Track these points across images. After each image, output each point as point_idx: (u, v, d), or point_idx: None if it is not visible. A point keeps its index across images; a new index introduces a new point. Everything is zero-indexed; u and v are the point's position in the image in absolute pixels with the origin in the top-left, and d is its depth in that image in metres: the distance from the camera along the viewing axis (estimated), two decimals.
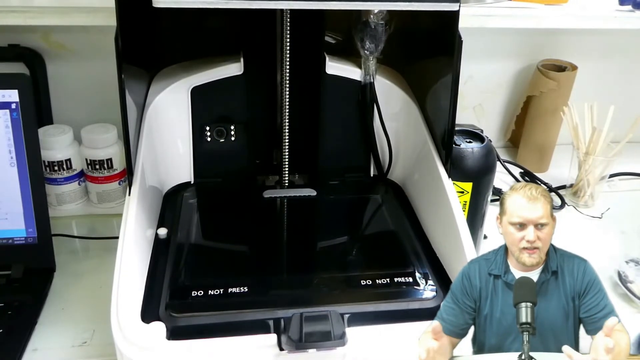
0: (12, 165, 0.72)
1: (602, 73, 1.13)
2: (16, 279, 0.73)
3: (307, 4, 0.57)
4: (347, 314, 0.57)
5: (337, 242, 0.74)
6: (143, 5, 0.58)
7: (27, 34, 0.89)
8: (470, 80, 1.10)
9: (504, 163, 1.08)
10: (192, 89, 0.77)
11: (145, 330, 0.54)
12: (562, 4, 1.02)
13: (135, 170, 0.67)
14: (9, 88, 0.70)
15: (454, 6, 0.60)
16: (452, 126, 0.70)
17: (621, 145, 0.95)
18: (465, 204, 0.76)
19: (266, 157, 0.84)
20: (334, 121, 0.81)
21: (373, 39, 0.76)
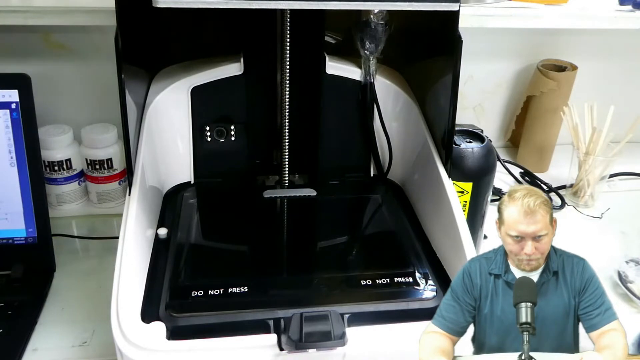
0: (12, 165, 0.72)
1: (602, 73, 1.13)
2: (16, 279, 0.73)
3: (307, 4, 0.57)
4: (347, 314, 0.57)
5: (337, 242, 0.74)
6: (143, 5, 0.58)
7: (27, 34, 0.89)
8: (470, 80, 1.10)
9: (504, 163, 1.08)
10: (192, 89, 0.77)
11: (145, 330, 0.54)
12: (562, 4, 1.02)
13: (135, 170, 0.67)
14: (9, 88, 0.70)
15: (454, 6, 0.60)
16: (452, 126, 0.70)
17: (621, 145, 0.95)
18: (465, 204, 0.76)
19: (266, 157, 0.84)
20: (334, 121, 0.81)
21: (373, 39, 0.76)
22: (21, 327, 0.67)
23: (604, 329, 0.45)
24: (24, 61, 0.91)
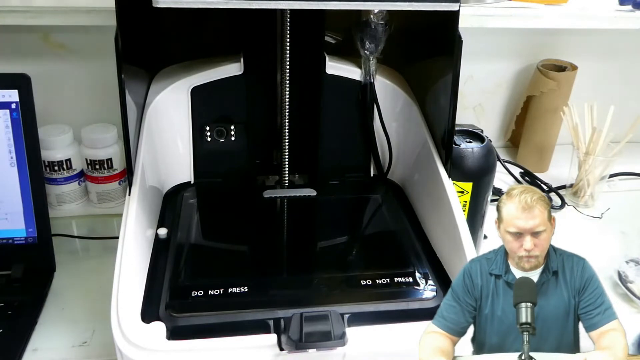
0: (12, 165, 0.72)
1: (602, 73, 1.13)
2: (16, 279, 0.73)
3: (307, 4, 0.57)
4: (347, 314, 0.57)
5: (337, 242, 0.74)
6: (143, 5, 0.58)
7: (27, 34, 0.89)
8: (470, 80, 1.10)
9: (504, 163, 1.08)
10: (192, 89, 0.77)
11: (145, 330, 0.54)
12: (562, 4, 1.02)
13: (135, 170, 0.67)
14: (9, 88, 0.70)
15: (454, 6, 0.60)
16: (452, 126, 0.70)
17: (621, 145, 0.95)
18: (465, 204, 0.76)
19: (266, 157, 0.84)
20: (334, 121, 0.81)
21: (373, 39, 0.76)
22: (21, 327, 0.67)
23: (604, 329, 0.45)
24: (24, 61, 0.91)
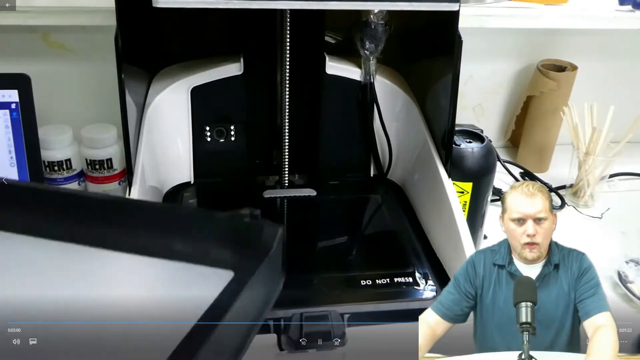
0: (12, 165, 0.72)
1: (602, 73, 1.13)
2: None
3: (307, 4, 0.57)
4: (347, 314, 0.57)
5: (337, 242, 0.74)
6: (143, 5, 0.58)
7: (27, 34, 0.89)
8: (470, 80, 1.10)
9: (504, 163, 1.08)
10: (192, 89, 0.77)
11: None
12: (562, 4, 1.02)
13: (135, 170, 0.67)
14: (9, 88, 0.70)
15: (454, 6, 0.60)
16: (452, 126, 0.70)
17: (621, 145, 0.95)
18: (465, 204, 0.76)
19: (266, 157, 0.84)
20: (334, 121, 0.81)
21: (373, 39, 0.76)
22: None
23: (595, 321, 0.46)
24: (24, 61, 0.91)
